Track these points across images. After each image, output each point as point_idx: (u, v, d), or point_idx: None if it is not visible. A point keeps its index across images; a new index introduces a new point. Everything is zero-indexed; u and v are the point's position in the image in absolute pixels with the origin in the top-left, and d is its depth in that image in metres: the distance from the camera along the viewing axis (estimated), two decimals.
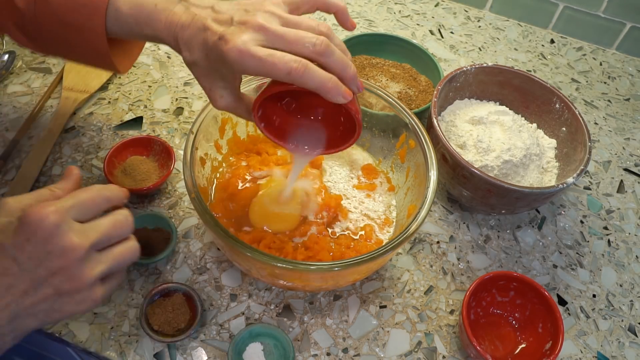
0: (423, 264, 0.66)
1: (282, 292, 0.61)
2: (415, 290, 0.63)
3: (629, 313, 0.65)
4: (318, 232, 0.61)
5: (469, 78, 0.74)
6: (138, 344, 0.56)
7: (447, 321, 0.61)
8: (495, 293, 0.60)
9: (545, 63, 0.96)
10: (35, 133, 0.72)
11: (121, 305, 0.58)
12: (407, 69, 0.84)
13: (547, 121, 0.74)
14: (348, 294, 0.62)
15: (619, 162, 0.82)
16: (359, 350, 0.58)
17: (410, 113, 0.62)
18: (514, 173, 0.67)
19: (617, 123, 0.88)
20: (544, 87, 0.73)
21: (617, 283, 0.67)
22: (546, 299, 0.57)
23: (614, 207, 0.76)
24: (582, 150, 0.66)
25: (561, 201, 0.75)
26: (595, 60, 0.99)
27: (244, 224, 0.61)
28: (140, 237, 0.61)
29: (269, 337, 0.56)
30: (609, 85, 0.94)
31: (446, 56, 0.94)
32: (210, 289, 0.60)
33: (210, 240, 0.64)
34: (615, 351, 0.61)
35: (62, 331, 0.56)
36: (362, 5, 1.02)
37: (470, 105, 0.75)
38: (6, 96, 0.77)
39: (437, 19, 1.01)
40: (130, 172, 0.66)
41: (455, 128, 0.71)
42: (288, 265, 0.48)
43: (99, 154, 0.71)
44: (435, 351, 0.59)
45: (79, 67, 0.80)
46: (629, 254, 0.71)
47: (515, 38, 1.00)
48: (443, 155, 0.64)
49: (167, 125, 0.75)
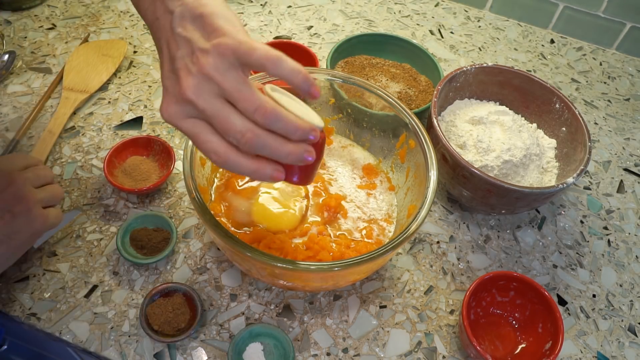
0: (423, 264, 0.66)
1: (282, 292, 0.61)
2: (415, 290, 0.63)
3: (629, 313, 0.65)
4: (318, 232, 0.61)
5: (469, 78, 0.74)
6: (138, 344, 0.56)
7: (447, 321, 0.61)
8: (495, 293, 0.60)
9: (545, 63, 0.96)
10: (35, 133, 0.72)
11: (121, 305, 0.58)
12: (407, 69, 0.84)
13: (547, 121, 0.74)
14: (348, 294, 0.62)
15: (619, 162, 0.82)
16: (359, 350, 0.58)
17: (410, 113, 0.62)
18: (514, 173, 0.67)
19: (617, 123, 0.88)
20: (544, 87, 0.73)
21: (617, 283, 0.67)
22: (546, 299, 0.57)
23: (614, 207, 0.76)
24: (582, 150, 0.66)
25: (561, 201, 0.75)
26: (595, 60, 0.99)
27: (244, 224, 0.61)
28: (140, 237, 0.61)
29: (269, 337, 0.56)
30: (609, 85, 0.94)
31: (446, 56, 0.94)
32: (210, 289, 0.60)
33: (210, 240, 0.64)
34: (615, 351, 0.61)
35: (62, 331, 0.56)
36: (362, 5, 1.02)
37: (470, 105, 0.75)
38: (6, 96, 0.77)
39: (437, 19, 1.01)
40: (130, 172, 0.66)
41: (455, 128, 0.71)
42: (288, 265, 0.48)
43: (99, 154, 0.71)
44: (435, 351, 0.59)
45: (79, 67, 0.80)
46: (629, 254, 0.71)
47: (515, 38, 1.00)
48: (443, 155, 0.64)
49: (167, 125, 0.75)
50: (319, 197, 0.64)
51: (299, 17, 0.97)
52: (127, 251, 0.60)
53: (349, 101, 0.68)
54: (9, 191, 0.52)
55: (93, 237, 0.63)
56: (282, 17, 0.97)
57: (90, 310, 0.58)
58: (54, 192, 0.57)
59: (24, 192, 0.53)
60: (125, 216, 0.65)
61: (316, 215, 0.63)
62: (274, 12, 0.98)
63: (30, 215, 0.53)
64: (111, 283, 0.60)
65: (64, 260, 0.61)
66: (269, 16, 0.97)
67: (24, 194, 0.53)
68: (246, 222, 0.61)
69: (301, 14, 0.98)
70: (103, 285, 0.60)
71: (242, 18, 0.96)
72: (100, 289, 0.59)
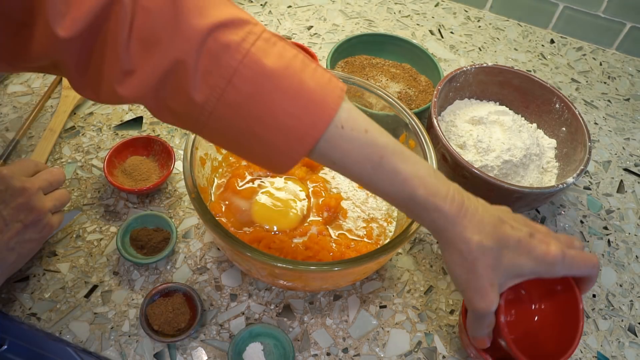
0: (423, 264, 0.66)
1: (282, 292, 0.61)
2: (415, 290, 0.63)
3: (629, 313, 0.65)
4: (318, 232, 0.61)
5: (469, 78, 0.74)
6: (138, 344, 0.56)
7: (447, 321, 0.61)
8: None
9: (545, 63, 0.96)
10: (35, 133, 0.72)
11: (121, 305, 0.58)
12: (407, 69, 0.85)
13: (547, 121, 0.74)
14: (348, 294, 0.62)
15: (618, 162, 0.82)
16: (359, 350, 0.58)
17: (410, 113, 0.62)
18: (514, 173, 0.67)
19: (617, 123, 0.88)
20: (544, 87, 0.73)
21: (617, 283, 0.67)
22: (563, 296, 0.53)
23: (614, 207, 0.76)
24: (582, 150, 0.66)
25: (561, 201, 0.75)
26: (595, 60, 0.99)
27: (244, 224, 0.61)
28: (140, 237, 0.61)
29: (269, 337, 0.56)
30: (608, 85, 0.94)
31: (446, 56, 0.94)
32: (210, 289, 0.60)
33: (210, 240, 0.64)
34: (615, 351, 0.61)
35: (62, 331, 0.56)
36: (362, 5, 1.02)
37: (470, 105, 0.75)
38: (6, 96, 0.77)
39: (437, 19, 1.01)
40: (130, 172, 0.66)
41: (455, 128, 0.71)
42: (288, 265, 0.48)
43: (99, 154, 0.71)
44: (435, 351, 0.59)
45: None
46: (629, 254, 0.71)
47: (515, 38, 1.00)
48: (443, 155, 0.64)
49: (167, 125, 0.75)
50: (319, 197, 0.64)
51: (299, 17, 0.97)
52: (127, 251, 0.60)
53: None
54: (20, 202, 0.53)
55: (93, 237, 0.63)
56: (282, 17, 0.97)
57: (90, 310, 0.58)
58: (62, 199, 0.58)
59: (34, 202, 0.54)
60: (125, 216, 0.65)
61: (316, 215, 0.63)
62: (274, 12, 0.98)
63: (39, 225, 0.54)
64: (111, 283, 0.60)
65: (64, 260, 0.61)
66: (269, 16, 0.97)
67: (34, 205, 0.54)
68: (246, 222, 0.61)
69: (301, 14, 0.98)
70: (103, 285, 0.60)
71: None
72: (100, 289, 0.59)
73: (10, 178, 0.54)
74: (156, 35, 0.39)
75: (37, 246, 0.56)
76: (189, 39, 0.38)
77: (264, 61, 0.39)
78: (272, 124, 0.40)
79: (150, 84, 0.40)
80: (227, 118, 0.40)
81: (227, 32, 0.39)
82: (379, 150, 0.43)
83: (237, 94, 0.39)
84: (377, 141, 0.43)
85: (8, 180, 0.53)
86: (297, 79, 0.40)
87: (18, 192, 0.53)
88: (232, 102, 0.39)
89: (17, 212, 0.53)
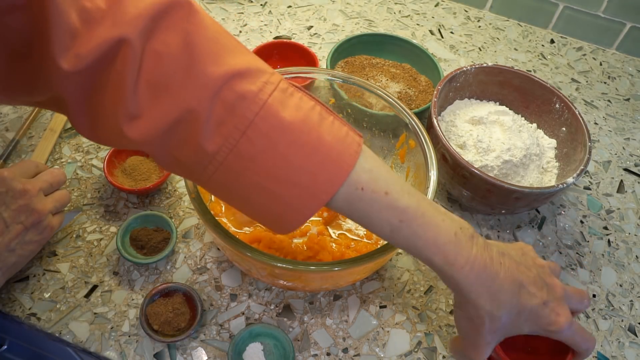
0: (423, 264, 0.65)
1: (282, 292, 0.61)
2: (415, 290, 0.63)
3: (629, 313, 0.65)
4: (318, 232, 0.61)
5: (469, 78, 0.74)
6: (138, 344, 0.56)
7: (447, 321, 0.61)
8: None
9: (545, 63, 0.96)
10: (35, 133, 0.72)
11: (121, 305, 0.58)
12: (407, 69, 0.85)
13: (547, 121, 0.74)
14: (348, 294, 0.62)
15: (619, 162, 0.82)
16: (359, 350, 0.58)
17: (410, 113, 0.62)
18: (514, 173, 0.67)
19: (617, 123, 0.88)
20: (544, 87, 0.73)
21: (617, 283, 0.67)
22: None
23: (614, 207, 0.76)
24: (582, 150, 0.66)
25: (561, 201, 0.75)
26: (595, 60, 0.99)
27: (244, 224, 0.61)
28: (140, 237, 0.61)
29: (269, 337, 0.56)
30: (609, 85, 0.94)
31: (446, 56, 0.94)
32: (210, 289, 0.60)
33: (210, 240, 0.64)
34: (615, 351, 0.61)
35: (62, 331, 0.56)
36: (362, 5, 1.02)
37: (470, 105, 0.75)
38: None
39: (437, 19, 1.01)
40: (130, 172, 0.66)
41: (455, 128, 0.71)
42: (288, 265, 0.48)
43: (99, 154, 0.71)
44: (435, 351, 0.59)
45: None
46: (629, 254, 0.71)
47: (515, 38, 1.00)
48: (443, 155, 0.64)
49: None
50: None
51: (299, 17, 0.97)
52: (127, 251, 0.60)
53: (349, 101, 0.68)
54: (21, 204, 0.53)
55: (93, 237, 0.63)
56: (282, 17, 0.97)
57: (90, 310, 0.58)
58: (62, 200, 0.58)
59: (35, 204, 0.54)
60: (125, 216, 0.65)
61: (316, 215, 0.63)
62: (274, 12, 0.98)
63: (40, 227, 0.55)
64: (111, 283, 0.60)
65: (64, 260, 0.61)
66: (269, 16, 0.97)
67: (35, 207, 0.54)
68: (246, 222, 0.61)
69: (301, 14, 0.98)
70: (103, 286, 0.60)
71: (242, 18, 0.96)
72: (100, 289, 0.59)
73: (11, 180, 0.54)
74: (167, 80, 0.37)
75: (37, 248, 0.56)
76: (202, 87, 0.37)
77: (281, 114, 0.38)
78: (285, 178, 0.39)
79: (158, 131, 0.38)
80: (237, 170, 0.38)
81: (243, 81, 0.38)
82: (398, 214, 0.42)
83: (251, 146, 0.38)
84: (397, 204, 0.41)
85: (9, 182, 0.53)
86: (315, 134, 0.39)
87: (19, 194, 0.54)
88: (244, 154, 0.38)
89: (18, 214, 0.53)
